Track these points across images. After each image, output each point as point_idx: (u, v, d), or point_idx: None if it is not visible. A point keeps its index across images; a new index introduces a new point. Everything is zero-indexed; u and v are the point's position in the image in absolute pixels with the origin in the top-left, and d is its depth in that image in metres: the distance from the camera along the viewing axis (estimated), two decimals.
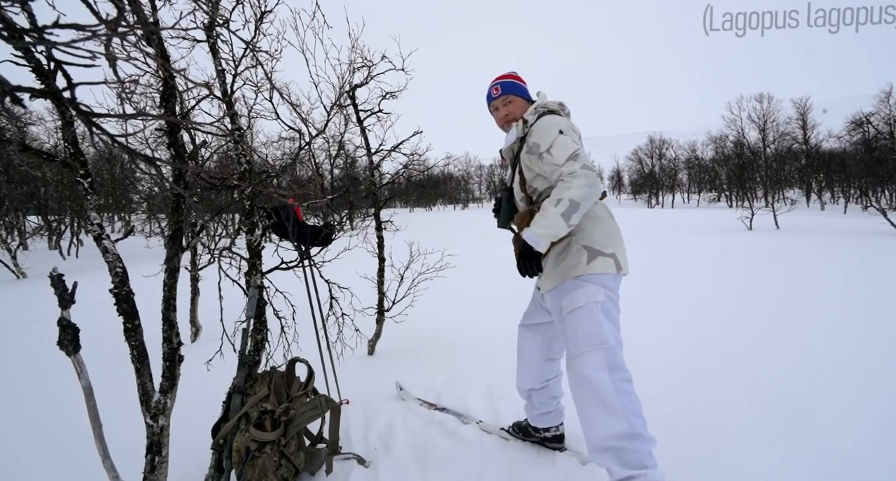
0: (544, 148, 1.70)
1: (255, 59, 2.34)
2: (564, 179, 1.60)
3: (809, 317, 4.13)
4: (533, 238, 1.61)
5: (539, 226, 1.60)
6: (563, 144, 1.66)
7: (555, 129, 1.71)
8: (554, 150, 1.67)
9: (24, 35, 0.71)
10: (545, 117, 1.80)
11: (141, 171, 1.35)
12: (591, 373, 1.60)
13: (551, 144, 1.68)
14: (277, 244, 2.92)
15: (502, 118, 1.97)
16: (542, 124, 1.76)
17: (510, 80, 1.99)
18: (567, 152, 1.64)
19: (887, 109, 25.13)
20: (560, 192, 1.59)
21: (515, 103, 1.95)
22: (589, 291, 1.68)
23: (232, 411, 1.94)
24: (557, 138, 1.68)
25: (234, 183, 2.29)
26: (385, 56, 3.32)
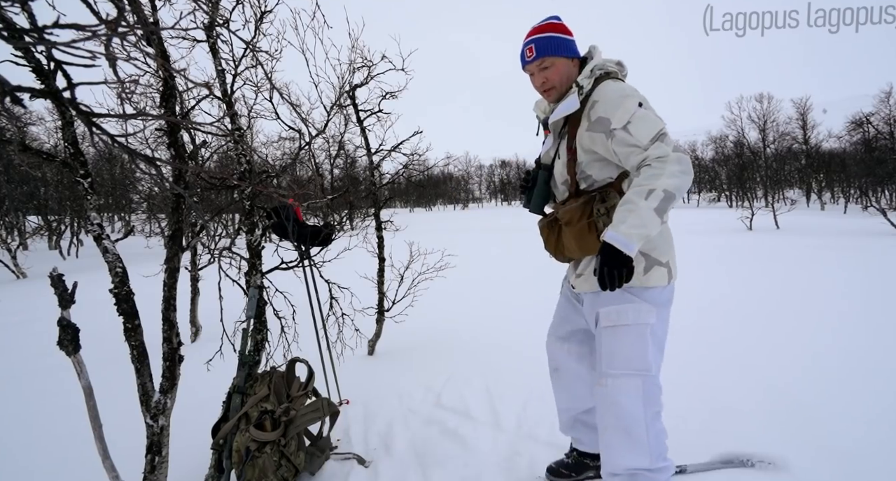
0: (619, 124, 1.37)
1: (255, 59, 2.34)
2: (652, 164, 1.31)
3: (810, 317, 4.13)
4: (622, 240, 1.29)
5: (629, 223, 1.29)
6: (646, 120, 1.35)
7: (631, 101, 1.38)
8: (634, 127, 1.35)
9: (24, 35, 0.71)
10: (609, 84, 1.45)
11: (141, 171, 1.36)
12: (624, 401, 1.43)
13: (629, 120, 1.36)
14: (277, 244, 2.92)
15: (540, 86, 1.58)
16: (608, 93, 1.42)
17: (547, 36, 1.52)
18: (653, 130, 1.34)
19: (887, 109, 25.13)
20: (650, 181, 1.29)
21: (556, 67, 1.52)
22: (640, 309, 1.44)
23: (232, 411, 1.94)
24: (637, 112, 1.36)
25: (234, 183, 2.29)
26: (385, 56, 3.32)
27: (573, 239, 1.52)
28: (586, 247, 1.50)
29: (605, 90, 1.44)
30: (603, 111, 1.41)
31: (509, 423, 2.37)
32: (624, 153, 1.39)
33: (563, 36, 1.54)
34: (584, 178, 1.53)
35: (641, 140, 1.34)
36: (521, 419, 2.41)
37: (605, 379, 1.48)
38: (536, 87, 1.59)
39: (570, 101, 1.48)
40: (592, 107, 1.44)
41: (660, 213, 1.29)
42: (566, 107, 1.49)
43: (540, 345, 2.02)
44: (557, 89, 1.55)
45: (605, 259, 1.31)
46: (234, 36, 2.20)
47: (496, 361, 3.25)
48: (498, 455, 2.09)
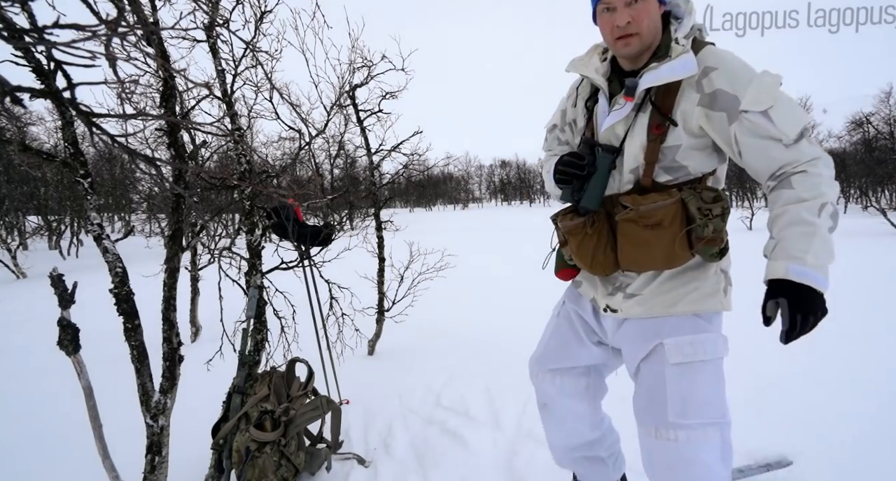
0: (756, 106, 1.03)
1: (255, 59, 2.34)
2: (809, 171, 1.01)
3: None
4: (818, 277, 1.00)
5: (815, 253, 0.98)
6: (794, 108, 1.04)
7: (772, 79, 1.05)
8: (779, 114, 1.02)
9: (24, 35, 0.71)
10: (724, 52, 1.11)
11: (141, 171, 1.36)
12: (705, 459, 1.13)
13: (773, 104, 1.02)
14: (277, 244, 2.92)
15: (620, 28, 1.11)
16: (732, 63, 1.08)
17: None
18: (801, 122, 1.03)
19: (887, 109, 25.13)
20: (815, 192, 0.99)
21: (647, 6, 1.11)
22: (717, 341, 1.17)
23: (232, 411, 1.94)
24: (783, 95, 1.04)
25: (234, 183, 2.29)
26: (385, 56, 3.32)
27: (658, 248, 1.11)
28: (672, 260, 1.14)
29: (726, 57, 1.08)
30: (727, 84, 1.05)
31: (509, 423, 2.37)
32: (757, 147, 1.04)
33: None
34: (671, 169, 1.14)
35: (788, 133, 1.02)
36: (521, 419, 2.41)
37: (676, 431, 1.14)
38: (609, 29, 1.13)
39: (685, 61, 1.07)
40: (707, 75, 1.07)
41: (832, 233, 1.00)
42: (680, 67, 1.07)
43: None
44: (642, 37, 1.11)
45: (799, 304, 0.98)
46: (234, 36, 2.20)
47: (496, 361, 3.25)
48: (498, 455, 2.09)
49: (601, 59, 1.24)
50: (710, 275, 1.18)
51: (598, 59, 1.24)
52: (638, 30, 1.10)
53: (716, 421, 1.14)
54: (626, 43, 1.11)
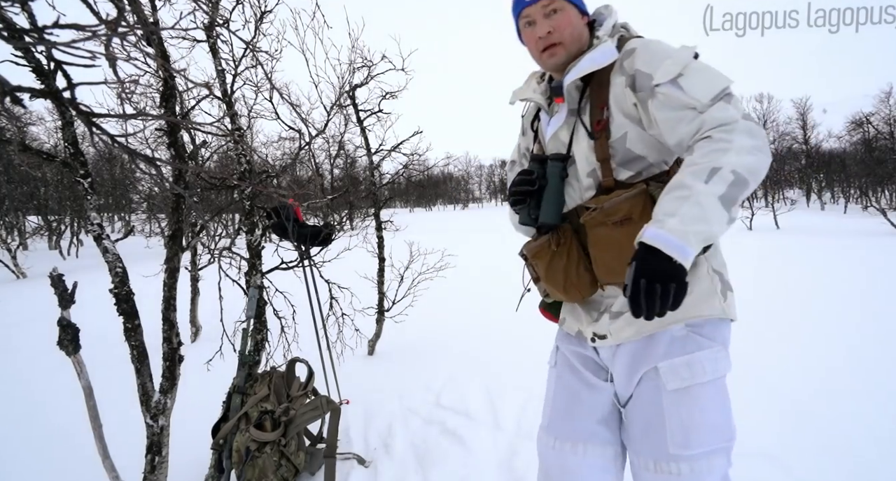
0: (665, 76, 0.96)
1: (255, 59, 2.34)
2: (713, 136, 0.89)
3: (811, 317, 4.13)
4: (672, 240, 0.82)
5: (682, 216, 0.83)
6: (706, 72, 0.96)
7: (685, 51, 0.99)
8: (688, 80, 0.95)
9: (24, 35, 0.72)
10: (645, 39, 1.07)
11: (141, 171, 1.36)
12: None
13: (681, 71, 0.95)
14: (277, 244, 2.92)
15: (542, 39, 1.07)
16: (649, 44, 1.03)
17: None
18: (715, 86, 0.93)
19: (887, 109, 25.13)
20: (712, 157, 0.87)
21: (567, 14, 1.07)
22: (717, 357, 1.02)
23: (232, 411, 1.94)
24: (693, 62, 0.97)
25: (234, 183, 2.29)
26: (385, 56, 3.32)
27: (632, 247, 0.88)
28: None
29: (647, 41, 1.04)
30: (644, 63, 0.99)
31: (509, 423, 2.37)
32: (671, 119, 0.95)
33: None
34: (628, 163, 1.04)
35: (699, 96, 0.92)
36: (520, 419, 2.41)
37: (679, 464, 0.99)
38: (533, 43, 1.10)
39: (604, 49, 1.04)
40: (629, 57, 1.02)
41: (728, 205, 0.85)
42: (599, 55, 1.03)
43: (541, 342, 1.97)
44: (566, 46, 1.06)
45: (644, 267, 0.82)
46: (234, 36, 2.20)
47: (496, 361, 3.26)
48: (498, 455, 2.09)
49: (538, 81, 1.22)
50: (702, 275, 1.03)
51: (535, 83, 1.22)
52: (560, 39, 1.06)
53: (722, 445, 1.01)
54: (551, 53, 1.08)
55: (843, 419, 2.26)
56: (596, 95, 1.07)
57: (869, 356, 3.09)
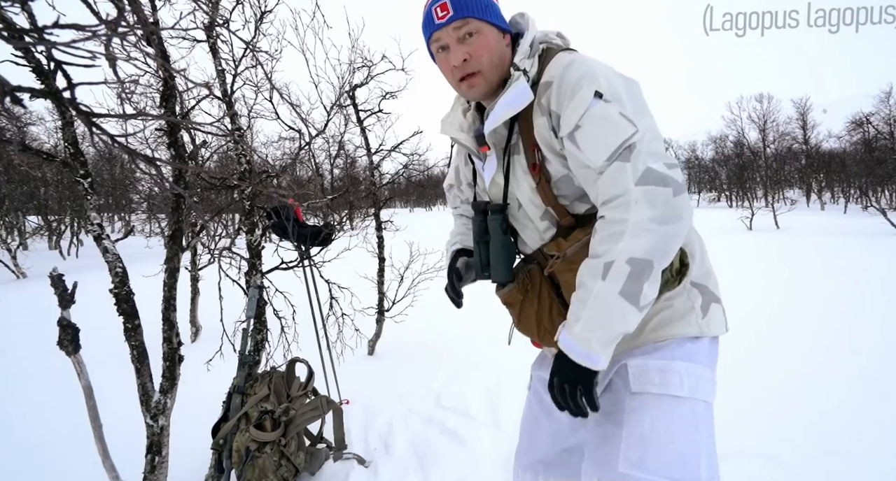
0: (567, 128, 0.87)
1: (255, 59, 2.34)
2: (607, 216, 0.82)
3: (811, 317, 4.13)
4: (577, 347, 0.83)
5: (585, 323, 0.82)
6: (602, 122, 0.83)
7: (587, 86, 0.85)
8: (584, 136, 0.84)
9: (24, 35, 0.71)
10: (563, 56, 0.92)
11: (141, 171, 1.36)
12: None
13: (578, 123, 0.85)
14: (277, 244, 2.92)
15: (457, 69, 0.95)
16: (564, 71, 0.88)
17: None
18: (612, 140, 0.82)
19: (887, 109, 25.13)
20: (605, 246, 0.81)
21: (483, 37, 0.93)
22: (699, 375, 0.90)
23: (232, 411, 1.94)
24: (592, 108, 0.83)
25: (234, 183, 2.29)
26: (385, 56, 3.32)
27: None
28: None
29: (560, 65, 0.90)
30: (556, 102, 0.89)
31: (509, 423, 2.37)
32: (580, 177, 0.89)
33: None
34: (581, 197, 0.95)
35: (593, 157, 0.83)
36: (520, 419, 2.41)
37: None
38: (449, 72, 0.97)
39: (517, 90, 0.90)
40: (546, 92, 0.91)
41: (632, 298, 0.79)
42: (513, 99, 0.91)
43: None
44: (485, 75, 0.94)
45: (557, 369, 0.87)
46: (234, 36, 2.20)
47: (496, 361, 3.26)
48: (498, 455, 2.09)
49: (465, 110, 1.08)
50: (674, 293, 0.94)
51: (461, 112, 1.08)
52: (479, 67, 0.93)
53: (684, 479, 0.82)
54: (470, 84, 0.95)
55: (843, 419, 2.26)
56: (525, 134, 0.95)
57: (870, 356, 3.09)
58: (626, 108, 0.84)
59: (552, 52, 0.95)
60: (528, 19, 0.99)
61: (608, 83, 0.86)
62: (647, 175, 0.80)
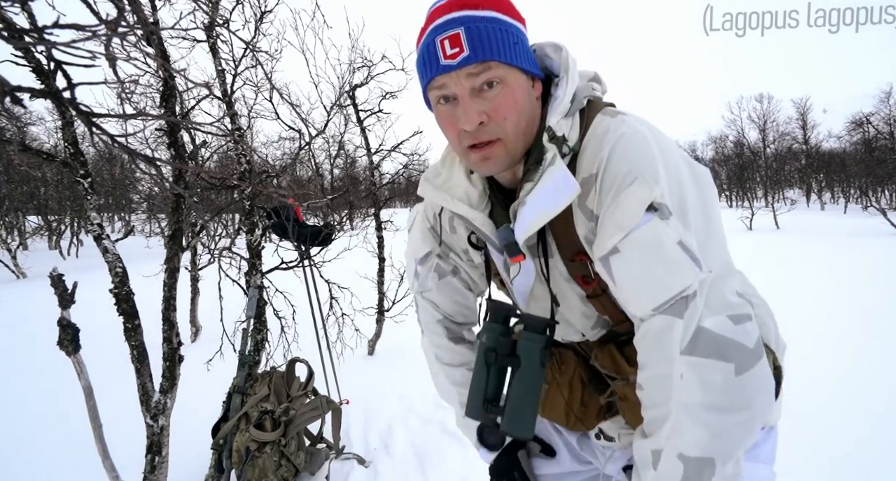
0: (603, 248, 0.63)
1: (255, 59, 2.34)
2: (646, 387, 0.63)
3: (811, 317, 4.13)
4: None
5: None
6: (652, 255, 0.59)
7: (638, 188, 0.59)
8: (622, 267, 0.62)
9: (24, 35, 0.71)
10: (608, 129, 0.64)
11: (141, 171, 1.36)
12: None
13: (616, 246, 0.61)
14: (277, 244, 2.92)
15: (473, 133, 0.64)
16: (611, 158, 0.62)
17: (490, 17, 0.63)
18: (662, 288, 0.59)
19: (887, 109, 25.14)
20: (654, 428, 0.63)
21: (508, 88, 0.63)
22: (760, 477, 0.74)
23: (232, 411, 1.94)
24: (640, 229, 0.59)
25: (234, 183, 2.29)
26: (385, 56, 3.33)
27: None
28: None
29: (606, 142, 0.63)
30: (597, 198, 0.64)
31: None
32: (619, 299, 0.66)
33: (514, 22, 0.66)
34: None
35: (632, 302, 0.63)
36: None
37: None
38: (454, 133, 0.66)
39: (557, 182, 0.63)
40: (587, 187, 0.65)
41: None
42: (552, 195, 0.63)
43: None
44: (507, 144, 0.65)
45: None
46: (234, 36, 2.20)
47: None
48: None
49: (468, 170, 0.74)
50: None
51: (463, 173, 0.75)
52: (500, 133, 0.64)
53: None
54: (485, 156, 0.65)
55: (844, 418, 2.26)
56: (563, 237, 0.70)
57: (871, 356, 3.09)
58: (689, 231, 0.59)
59: (594, 109, 0.69)
60: (567, 56, 0.69)
61: (670, 183, 0.60)
62: (700, 340, 0.57)
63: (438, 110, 0.67)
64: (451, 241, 0.86)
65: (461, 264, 0.87)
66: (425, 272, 0.88)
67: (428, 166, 0.91)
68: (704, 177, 0.66)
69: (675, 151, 0.64)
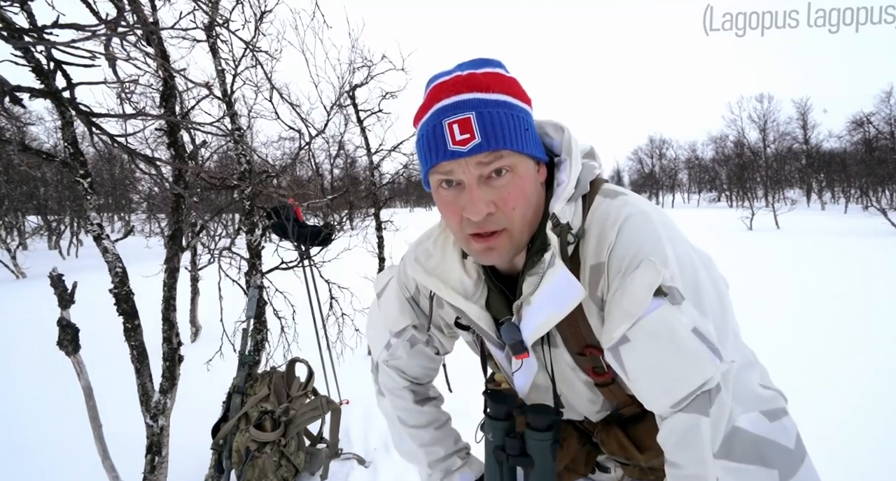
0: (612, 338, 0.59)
1: (255, 59, 2.34)
2: None
3: (811, 317, 4.13)
4: None
5: None
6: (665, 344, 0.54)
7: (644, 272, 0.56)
8: (633, 358, 0.57)
9: (24, 35, 0.71)
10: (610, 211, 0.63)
11: (141, 171, 1.36)
12: None
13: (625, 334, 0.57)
14: (277, 244, 2.92)
15: (478, 223, 0.61)
16: (617, 244, 0.60)
17: (502, 101, 0.60)
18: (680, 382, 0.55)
19: (887, 109, 25.14)
20: None
21: (518, 176, 0.61)
22: None
23: (232, 411, 1.94)
24: (648, 316, 0.55)
25: (234, 183, 2.29)
26: (385, 56, 3.33)
27: None
28: None
29: (611, 227, 0.62)
30: (606, 286, 0.62)
31: None
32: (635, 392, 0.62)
33: (523, 105, 0.64)
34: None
35: (648, 398, 0.59)
36: None
37: None
38: (456, 222, 0.64)
39: (562, 283, 0.61)
40: (596, 277, 0.63)
41: None
42: (559, 297, 0.61)
43: None
44: (513, 234, 0.63)
45: None
46: (234, 36, 2.20)
47: None
48: None
49: (462, 257, 0.72)
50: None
51: (457, 258, 0.72)
52: (506, 223, 0.61)
53: None
54: (489, 247, 0.62)
55: (844, 418, 2.26)
56: (570, 330, 0.67)
57: (871, 356, 3.08)
58: (706, 317, 0.55)
59: (594, 189, 0.67)
60: (569, 138, 0.67)
61: (680, 265, 0.56)
62: (736, 442, 0.52)
63: (440, 194, 0.64)
64: (435, 317, 0.81)
65: (437, 335, 0.84)
66: (398, 343, 0.83)
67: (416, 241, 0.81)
68: (711, 261, 0.63)
69: (678, 232, 0.63)
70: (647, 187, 54.41)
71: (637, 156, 58.58)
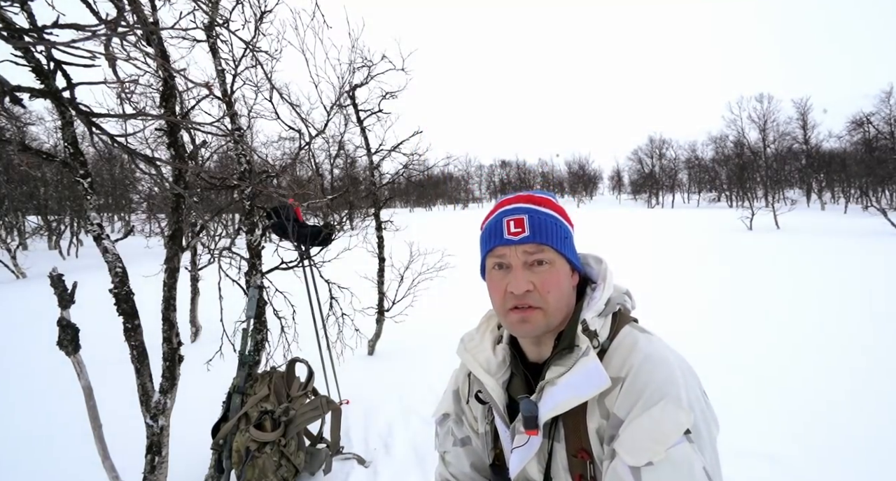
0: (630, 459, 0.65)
1: (255, 59, 2.34)
2: None
3: (811, 317, 4.13)
4: None
5: None
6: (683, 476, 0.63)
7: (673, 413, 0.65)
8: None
9: (24, 35, 0.71)
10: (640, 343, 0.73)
11: (141, 171, 1.36)
12: None
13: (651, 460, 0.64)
14: (277, 244, 2.92)
15: (518, 296, 0.76)
16: (640, 370, 0.70)
17: (548, 214, 0.81)
18: None
19: (887, 109, 25.15)
20: None
21: (556, 270, 0.78)
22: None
23: (232, 411, 1.94)
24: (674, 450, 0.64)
25: (234, 183, 2.29)
26: (385, 56, 3.32)
27: None
28: None
29: (635, 354, 0.72)
30: (621, 401, 0.70)
31: None
32: None
33: (566, 223, 0.82)
34: None
35: None
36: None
37: None
38: (500, 295, 0.78)
39: (589, 371, 0.71)
40: (613, 387, 0.71)
41: None
42: (584, 382, 0.71)
43: None
44: (547, 314, 0.76)
45: None
46: (234, 36, 2.20)
47: None
48: None
49: (495, 340, 0.87)
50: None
51: (489, 342, 0.86)
52: (542, 303, 0.75)
53: None
54: (524, 318, 0.75)
55: (844, 418, 2.26)
56: (572, 427, 0.74)
57: (871, 356, 3.08)
58: (707, 456, 0.65)
59: (623, 319, 0.79)
60: (606, 268, 0.82)
61: (695, 412, 0.66)
62: None
63: (491, 274, 0.80)
64: (467, 408, 0.94)
65: (465, 428, 0.94)
66: (443, 434, 0.97)
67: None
68: (705, 395, 0.72)
69: (689, 368, 0.72)
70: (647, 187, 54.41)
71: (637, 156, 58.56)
